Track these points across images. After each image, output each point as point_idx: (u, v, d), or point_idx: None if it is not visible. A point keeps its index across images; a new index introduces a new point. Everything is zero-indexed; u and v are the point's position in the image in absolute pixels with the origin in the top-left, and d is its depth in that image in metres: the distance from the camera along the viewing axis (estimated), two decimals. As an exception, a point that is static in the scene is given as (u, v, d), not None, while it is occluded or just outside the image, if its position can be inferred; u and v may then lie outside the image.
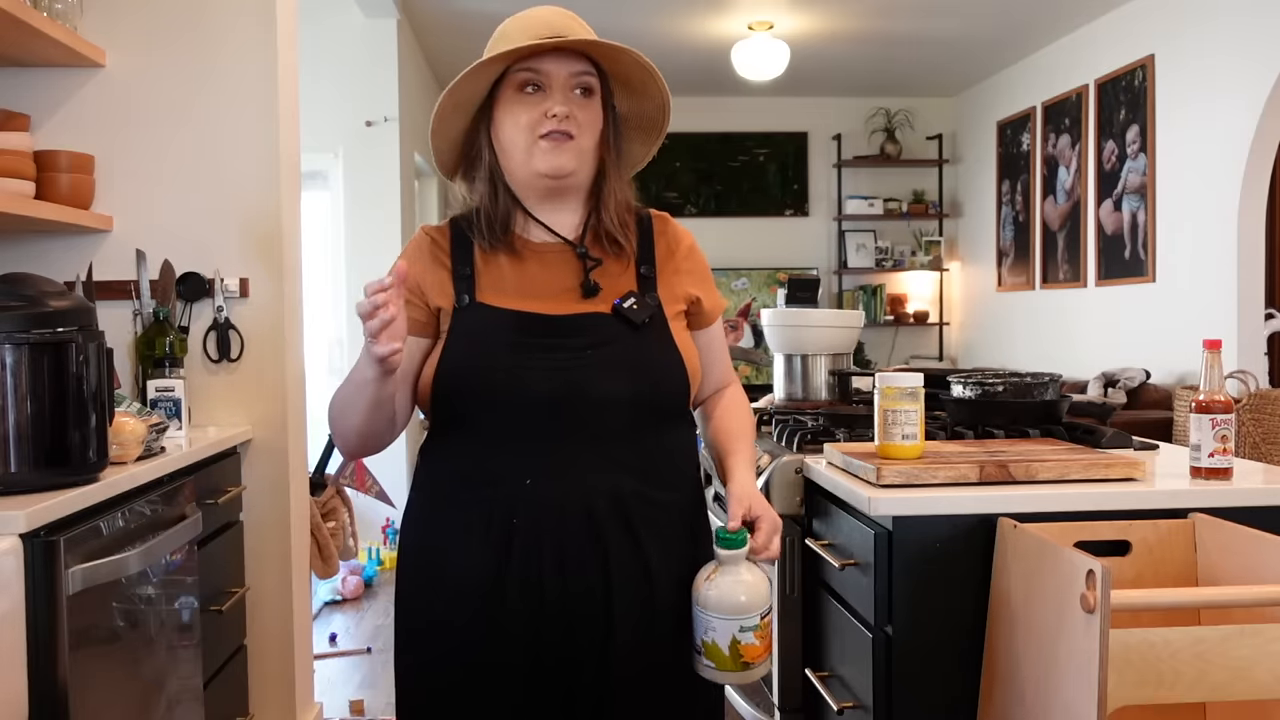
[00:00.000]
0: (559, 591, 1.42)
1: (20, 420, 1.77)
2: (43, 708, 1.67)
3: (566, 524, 1.42)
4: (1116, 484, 1.72)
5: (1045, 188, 6.57)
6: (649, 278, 1.52)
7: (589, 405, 1.42)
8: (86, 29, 2.71)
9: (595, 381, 1.42)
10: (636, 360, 1.45)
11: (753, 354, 7.47)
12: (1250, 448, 4.17)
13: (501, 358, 1.43)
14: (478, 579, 1.43)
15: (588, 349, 1.44)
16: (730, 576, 1.38)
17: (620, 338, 1.46)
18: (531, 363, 1.42)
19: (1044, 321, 6.62)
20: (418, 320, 1.49)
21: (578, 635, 1.43)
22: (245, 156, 2.80)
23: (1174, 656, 1.34)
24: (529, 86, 1.46)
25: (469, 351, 1.44)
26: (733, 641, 1.37)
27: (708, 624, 1.38)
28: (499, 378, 1.42)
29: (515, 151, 1.48)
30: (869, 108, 7.90)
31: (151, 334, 2.70)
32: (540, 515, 1.42)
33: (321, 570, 3.28)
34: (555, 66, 1.46)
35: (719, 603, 1.37)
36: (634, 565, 1.43)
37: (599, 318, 1.46)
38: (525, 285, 1.49)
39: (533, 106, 1.46)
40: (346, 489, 3.55)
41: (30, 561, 1.66)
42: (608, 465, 1.43)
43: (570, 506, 1.42)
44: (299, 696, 2.91)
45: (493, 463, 1.43)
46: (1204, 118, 5.03)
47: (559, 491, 1.42)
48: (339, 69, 5.41)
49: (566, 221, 1.53)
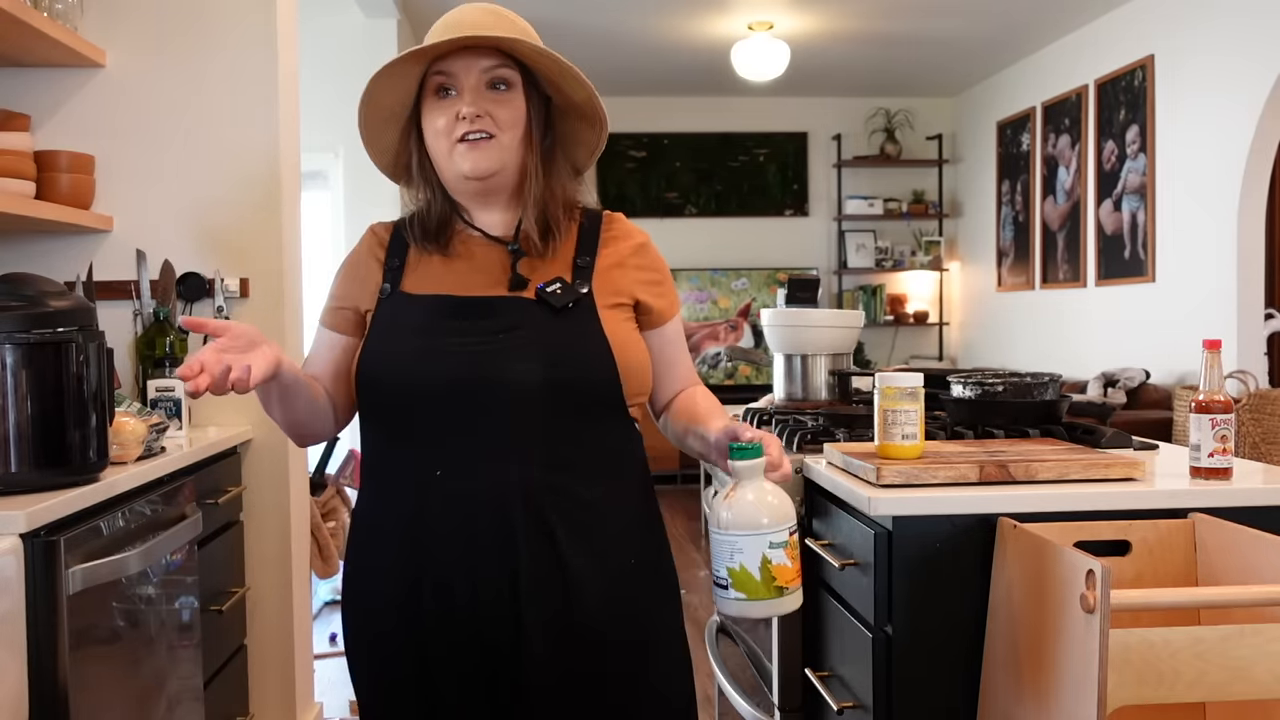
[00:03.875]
0: (469, 595, 1.37)
1: (20, 420, 1.77)
2: (43, 708, 1.67)
3: (476, 519, 1.36)
4: (1116, 484, 1.72)
5: (1045, 188, 6.57)
6: (584, 268, 1.47)
7: (500, 390, 1.36)
8: (86, 29, 2.71)
9: (506, 365, 1.37)
10: (553, 344, 1.39)
11: (753, 354, 7.48)
12: (1250, 448, 4.17)
13: (409, 342, 1.40)
14: (395, 579, 1.40)
15: (500, 333, 1.39)
16: (751, 490, 1.29)
17: (538, 322, 1.40)
18: (439, 346, 1.39)
19: (1044, 321, 6.62)
20: (345, 321, 1.51)
21: (489, 643, 1.37)
22: (245, 156, 2.80)
23: (1174, 656, 1.34)
24: (441, 90, 1.45)
25: (384, 339, 1.43)
26: (763, 561, 1.27)
27: (733, 546, 1.28)
28: (404, 362, 1.39)
29: (439, 156, 1.46)
30: (869, 108, 7.90)
31: (152, 334, 2.70)
32: (450, 509, 1.37)
33: (321, 570, 3.28)
34: (464, 66, 1.43)
35: (744, 518, 1.27)
36: (548, 567, 1.37)
37: (515, 301, 1.42)
38: (452, 278, 1.46)
39: (446, 109, 1.44)
40: (346, 489, 3.55)
41: (30, 561, 1.66)
42: (522, 456, 1.37)
43: (480, 500, 1.36)
44: (299, 696, 2.91)
45: (403, 453, 1.40)
46: (1204, 118, 5.04)
47: (468, 483, 1.36)
48: (339, 69, 5.41)
49: (500, 220, 1.50)
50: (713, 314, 7.82)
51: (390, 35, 5.49)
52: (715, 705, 2.80)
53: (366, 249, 1.55)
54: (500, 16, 1.45)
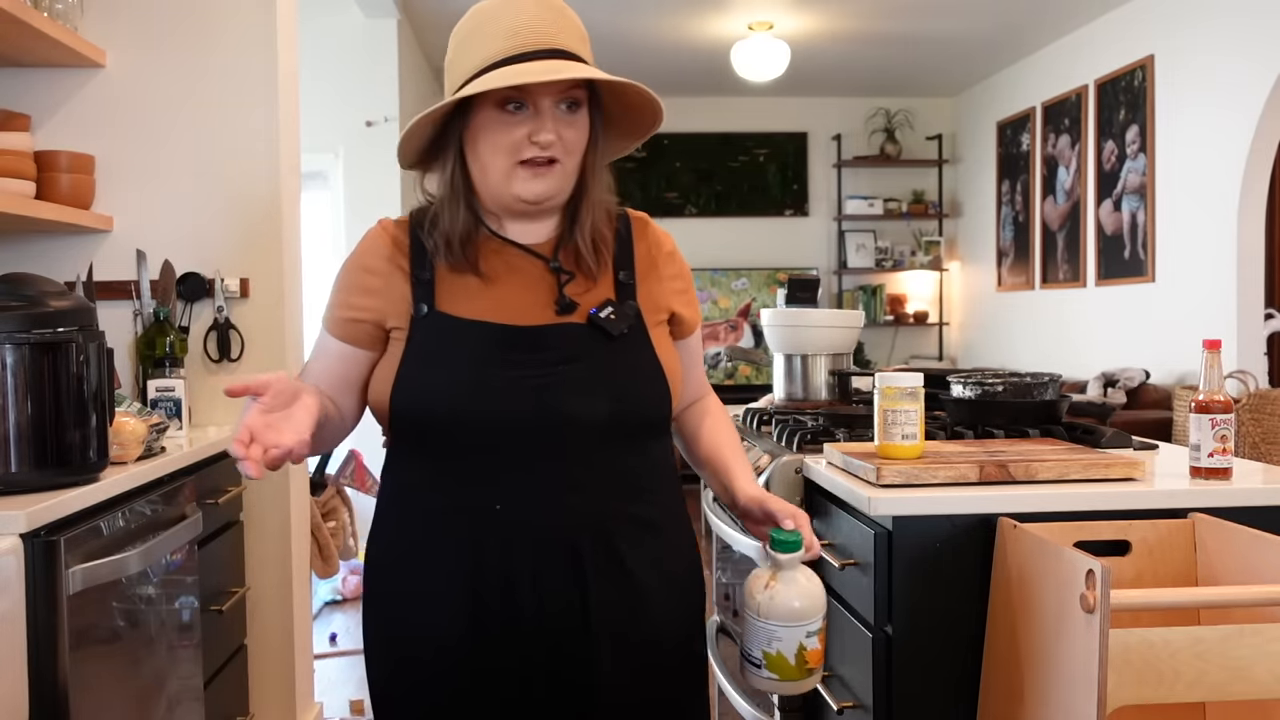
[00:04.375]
0: (536, 613, 1.32)
1: (20, 420, 1.77)
2: (43, 708, 1.67)
3: (542, 552, 1.31)
4: (1116, 484, 1.72)
5: (1045, 188, 6.57)
6: (628, 285, 1.41)
7: (562, 425, 1.31)
8: (86, 29, 2.71)
9: (568, 400, 1.31)
10: (614, 375, 1.34)
11: (752, 354, 7.47)
12: (1250, 448, 4.17)
13: (464, 373, 1.31)
14: (454, 606, 1.33)
15: (559, 364, 1.32)
16: (791, 582, 1.31)
17: (595, 350, 1.34)
18: (497, 380, 1.30)
19: (1044, 321, 6.62)
20: (365, 335, 1.38)
21: (561, 674, 1.33)
22: (245, 156, 2.80)
23: (1174, 656, 1.34)
24: (510, 104, 1.31)
25: (429, 367, 1.32)
26: (799, 649, 1.30)
27: (771, 635, 1.30)
28: (461, 396, 1.30)
29: (492, 173, 1.34)
30: (869, 108, 7.90)
31: (152, 334, 2.70)
32: (512, 544, 1.31)
33: (321, 570, 3.28)
34: (543, 84, 1.31)
35: (785, 611, 1.29)
36: (617, 587, 1.34)
37: (572, 329, 1.35)
38: (491, 298, 1.36)
39: (515, 128, 1.32)
40: (346, 489, 3.55)
41: (30, 561, 1.66)
42: (583, 487, 1.33)
43: (545, 533, 1.31)
44: (299, 696, 2.91)
45: (457, 488, 1.33)
46: (1204, 118, 5.04)
47: (532, 517, 1.31)
48: (339, 69, 5.41)
49: (534, 230, 1.41)
50: (713, 314, 7.82)
51: (390, 35, 5.49)
52: (715, 705, 2.80)
53: (384, 254, 1.39)
54: (569, 17, 1.36)
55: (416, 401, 1.32)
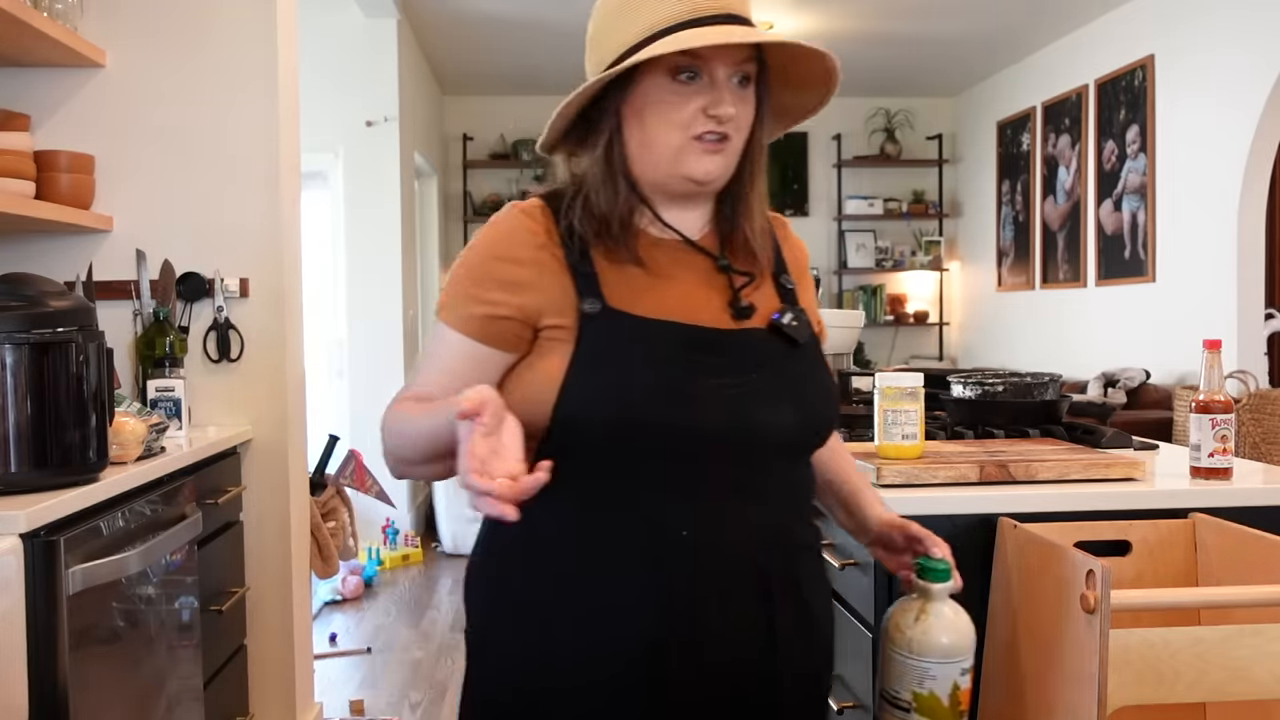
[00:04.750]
0: (721, 655, 1.19)
1: (20, 420, 1.77)
2: (43, 708, 1.67)
3: (730, 580, 1.19)
4: (1116, 484, 1.72)
5: (1045, 188, 6.57)
6: (791, 290, 1.30)
7: (753, 437, 1.19)
8: (86, 29, 2.71)
9: (759, 410, 1.19)
10: (801, 386, 1.23)
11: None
12: (1250, 448, 4.17)
13: (651, 379, 1.16)
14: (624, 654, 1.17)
15: (749, 372, 1.20)
16: (944, 614, 1.20)
17: (782, 359, 1.23)
18: (691, 387, 1.16)
19: (1044, 321, 6.62)
20: (508, 334, 1.20)
21: (748, 701, 1.21)
22: (245, 156, 2.80)
23: (1174, 657, 1.33)
24: (685, 73, 1.19)
25: (608, 371, 1.16)
26: (953, 689, 1.18)
27: (924, 672, 1.18)
28: (655, 406, 1.15)
29: (660, 149, 1.20)
30: (869, 108, 7.90)
31: (151, 334, 2.70)
32: (701, 572, 1.18)
33: (321, 570, 3.27)
34: (721, 52, 1.19)
35: (938, 645, 1.18)
36: (797, 616, 1.24)
37: (756, 334, 1.23)
38: (660, 295, 1.21)
39: (689, 100, 1.19)
40: (346, 489, 3.55)
41: (30, 561, 1.66)
42: (764, 506, 1.22)
43: (734, 559, 1.19)
44: (299, 696, 2.91)
45: (629, 512, 1.17)
46: (1204, 117, 5.04)
47: (720, 537, 1.18)
48: (339, 69, 5.41)
49: (692, 219, 1.27)
50: (713, 314, 7.81)
51: (390, 35, 5.49)
52: None
53: (533, 241, 1.21)
54: None
55: (594, 409, 1.15)
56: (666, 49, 1.15)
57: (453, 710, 3.47)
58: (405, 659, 3.98)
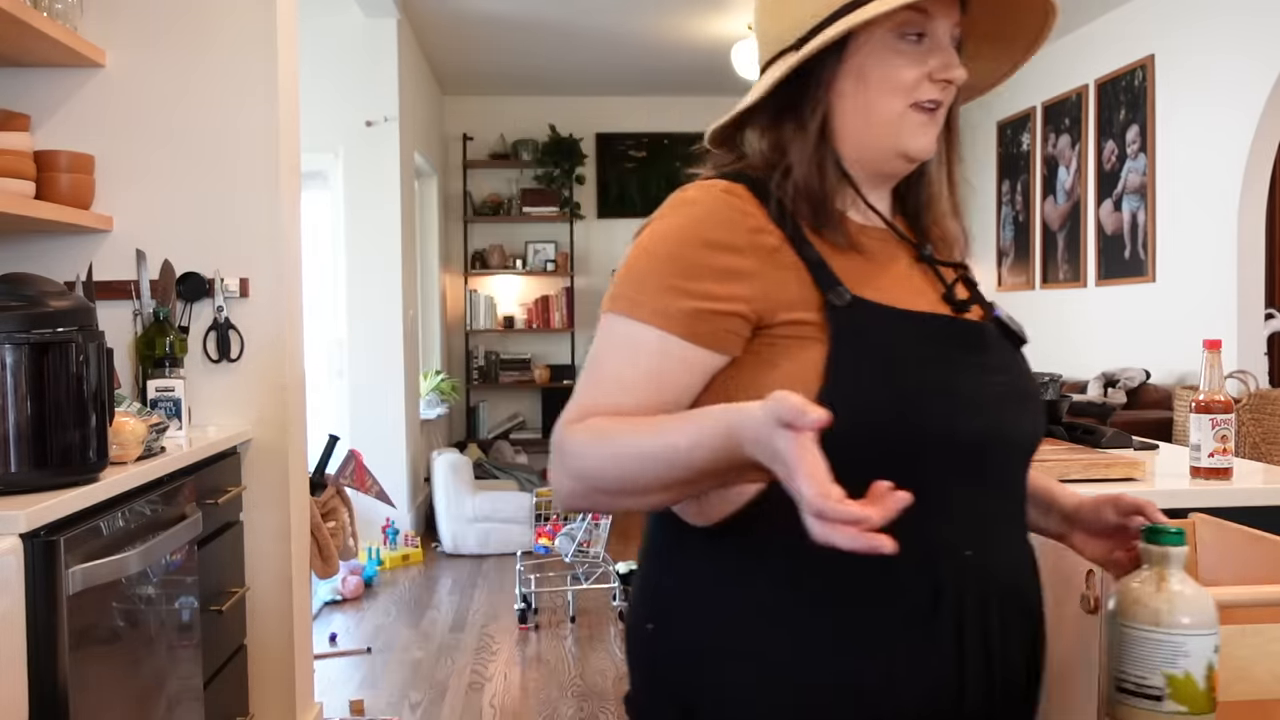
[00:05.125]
0: (984, 695, 1.05)
1: (20, 420, 1.77)
2: (43, 708, 1.67)
3: (1004, 605, 1.06)
4: (1116, 484, 1.72)
5: (1045, 188, 6.57)
6: (975, 284, 1.16)
7: (1016, 444, 1.09)
8: (86, 29, 2.71)
9: (1019, 413, 1.08)
10: (1034, 389, 1.13)
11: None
12: (1250, 448, 4.17)
13: (938, 379, 1.01)
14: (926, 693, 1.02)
15: (1000, 371, 1.08)
16: (1187, 582, 1.06)
17: (1013, 357, 1.12)
18: (962, 388, 1.02)
19: (1044, 321, 6.62)
20: (730, 333, 1.01)
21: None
22: (245, 156, 2.80)
23: (1174, 656, 1.33)
24: (912, 32, 1.05)
25: (893, 372, 1.00)
26: (1208, 669, 1.03)
27: (1177, 648, 1.02)
28: (942, 409, 1.00)
29: (878, 118, 1.06)
30: (869, 108, 7.90)
31: (151, 334, 2.70)
32: (985, 597, 1.04)
33: (321, 570, 3.27)
34: (945, 9, 1.05)
35: (1196, 614, 1.03)
36: (1039, 645, 1.14)
37: (992, 330, 1.12)
38: (885, 284, 1.07)
39: (915, 62, 1.05)
40: (346, 489, 3.55)
41: (30, 561, 1.66)
42: (1019, 517, 1.11)
43: (1006, 582, 1.07)
44: (299, 696, 2.91)
45: (917, 527, 0.90)
46: (1204, 117, 5.04)
47: (995, 563, 1.06)
48: (339, 69, 5.41)
49: (884, 206, 1.14)
50: (713, 314, 7.81)
51: (390, 35, 5.49)
52: None
53: (748, 224, 1.03)
54: None
55: (875, 414, 0.98)
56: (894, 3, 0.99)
57: (453, 710, 3.47)
58: (405, 659, 3.98)
